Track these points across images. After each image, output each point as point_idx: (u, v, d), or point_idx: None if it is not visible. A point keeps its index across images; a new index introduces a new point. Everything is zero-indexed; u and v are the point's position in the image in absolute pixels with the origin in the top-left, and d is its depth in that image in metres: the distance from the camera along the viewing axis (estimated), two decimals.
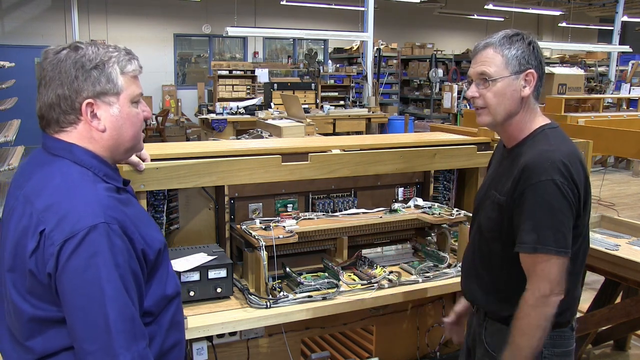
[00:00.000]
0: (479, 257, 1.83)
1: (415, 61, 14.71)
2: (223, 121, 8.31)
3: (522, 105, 1.71)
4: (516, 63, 1.68)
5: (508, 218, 1.67)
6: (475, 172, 2.86)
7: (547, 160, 1.59)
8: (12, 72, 6.32)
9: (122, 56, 1.38)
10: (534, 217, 1.58)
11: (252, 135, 5.11)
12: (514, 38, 1.70)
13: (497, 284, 1.78)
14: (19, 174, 1.42)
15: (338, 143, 2.69)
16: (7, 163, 4.42)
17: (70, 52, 1.34)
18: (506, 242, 1.70)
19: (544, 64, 1.74)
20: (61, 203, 1.26)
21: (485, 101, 1.72)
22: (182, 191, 2.36)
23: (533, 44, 1.71)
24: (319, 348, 2.67)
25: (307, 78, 11.58)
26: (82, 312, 1.22)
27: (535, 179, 1.59)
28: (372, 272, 2.41)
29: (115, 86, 1.36)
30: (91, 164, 1.35)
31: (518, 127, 1.73)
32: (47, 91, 1.33)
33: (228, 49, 15.18)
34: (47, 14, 12.55)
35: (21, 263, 1.26)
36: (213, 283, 2.10)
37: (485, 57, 1.71)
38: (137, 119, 1.42)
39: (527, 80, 1.69)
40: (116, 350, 1.22)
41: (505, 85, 1.68)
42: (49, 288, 1.25)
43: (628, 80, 9.97)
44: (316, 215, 2.55)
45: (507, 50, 1.68)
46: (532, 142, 1.70)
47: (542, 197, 1.58)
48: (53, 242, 1.22)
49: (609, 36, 13.41)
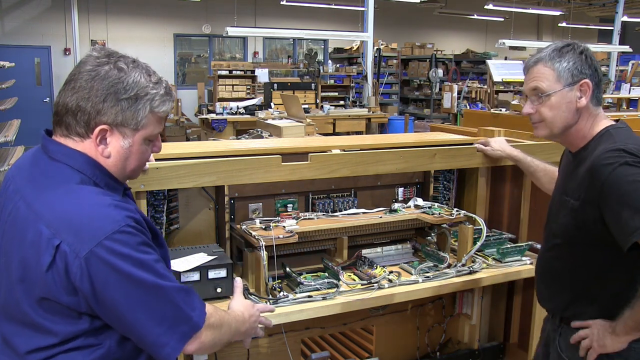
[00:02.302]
0: (554, 264, 1.82)
1: (415, 61, 14.71)
2: (223, 121, 8.31)
3: (579, 114, 1.70)
4: (569, 75, 1.67)
5: (584, 222, 1.64)
6: (475, 172, 2.86)
7: (612, 153, 1.57)
8: (12, 72, 6.33)
9: (159, 96, 1.35)
10: (630, 201, 1.50)
11: (252, 135, 5.10)
12: (564, 50, 1.69)
13: (572, 288, 1.76)
14: (14, 174, 1.38)
15: (338, 143, 2.69)
16: (7, 163, 4.42)
17: (112, 71, 1.29)
18: (583, 245, 1.68)
19: (600, 70, 1.72)
20: (73, 214, 1.24)
21: (542, 116, 1.72)
22: (182, 191, 2.36)
23: (585, 52, 1.69)
24: (319, 348, 2.67)
25: (307, 78, 11.58)
26: (142, 307, 1.25)
27: (607, 171, 1.55)
28: (372, 272, 2.41)
29: (137, 123, 1.33)
30: (92, 173, 1.33)
31: (579, 135, 1.73)
32: (72, 95, 1.29)
33: (228, 49, 15.18)
34: (47, 14, 12.55)
35: (31, 276, 1.24)
36: (213, 283, 2.10)
37: (537, 72, 1.71)
38: (145, 156, 1.41)
39: (583, 91, 1.68)
40: (187, 313, 1.31)
41: (559, 99, 1.68)
42: (71, 302, 1.24)
43: (628, 80, 9.95)
44: (316, 215, 2.55)
45: (558, 63, 1.67)
46: (597, 144, 1.67)
47: (624, 181, 1.52)
48: (77, 254, 1.20)
49: (609, 36, 13.41)
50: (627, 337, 1.61)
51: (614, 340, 1.63)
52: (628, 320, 1.59)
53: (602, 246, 1.64)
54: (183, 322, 1.31)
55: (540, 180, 2.35)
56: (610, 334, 1.64)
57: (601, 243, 1.63)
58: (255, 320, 1.67)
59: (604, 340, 1.65)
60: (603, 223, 1.58)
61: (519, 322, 2.96)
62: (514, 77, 7.82)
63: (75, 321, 1.27)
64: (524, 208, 2.87)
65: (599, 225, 1.60)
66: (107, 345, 1.30)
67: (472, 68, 15.46)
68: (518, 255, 2.63)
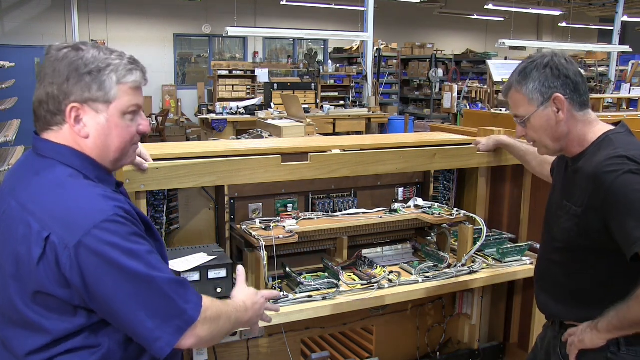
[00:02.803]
0: (554, 268, 1.81)
1: (415, 61, 14.70)
2: (223, 121, 8.31)
3: (567, 124, 1.69)
4: (538, 95, 1.67)
5: (587, 228, 1.64)
6: (475, 172, 2.86)
7: (615, 160, 1.56)
8: (12, 72, 6.31)
9: (123, 65, 1.34)
10: (634, 211, 1.49)
11: (252, 135, 5.10)
12: (528, 70, 1.69)
13: (573, 293, 1.76)
14: (9, 177, 1.39)
15: (338, 143, 2.69)
16: (7, 163, 4.42)
17: (70, 52, 1.31)
18: (585, 251, 1.68)
19: (574, 72, 1.69)
20: (61, 205, 1.24)
21: (531, 138, 1.76)
22: (182, 191, 2.36)
23: (550, 64, 1.67)
24: (319, 348, 2.67)
25: (307, 78, 11.57)
26: (133, 299, 1.23)
27: (611, 179, 1.54)
28: (372, 272, 2.41)
29: (106, 95, 1.31)
30: (81, 165, 1.33)
31: (576, 142, 1.72)
32: (40, 88, 1.32)
33: (228, 49, 15.17)
34: (47, 14, 12.55)
35: (23, 271, 1.24)
36: (213, 283, 2.10)
37: (512, 99, 1.75)
38: (127, 132, 1.37)
39: (557, 104, 1.67)
40: (181, 306, 1.28)
41: (538, 120, 1.69)
42: (64, 295, 1.23)
43: (628, 80, 9.95)
44: (316, 215, 2.55)
45: (525, 86, 1.69)
46: (596, 150, 1.66)
47: (628, 190, 1.51)
48: (67, 246, 1.20)
49: (609, 36, 13.40)
50: (607, 334, 1.62)
51: (593, 336, 1.65)
52: (612, 318, 1.60)
53: (604, 253, 1.63)
54: (176, 315, 1.28)
55: (530, 164, 2.39)
56: (592, 330, 1.65)
57: (603, 249, 1.62)
58: (260, 308, 1.61)
59: (584, 335, 1.67)
60: (606, 230, 1.58)
61: (519, 322, 2.96)
62: None
63: (71, 317, 1.26)
64: (524, 208, 2.87)
65: (602, 232, 1.59)
66: (107, 346, 1.29)
67: (472, 68, 15.46)
68: (518, 255, 2.63)
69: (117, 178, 1.51)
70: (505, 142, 2.58)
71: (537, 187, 2.80)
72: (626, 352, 1.63)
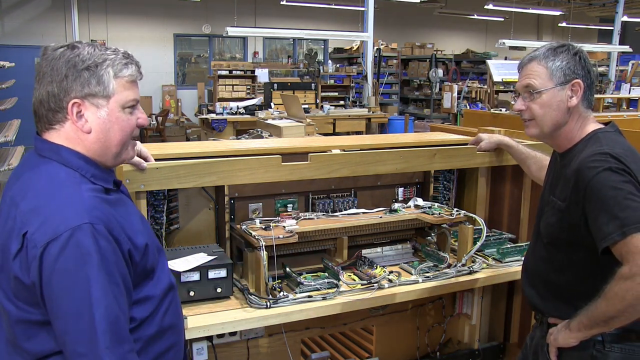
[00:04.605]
0: (540, 263, 1.82)
1: (415, 61, 14.71)
2: (223, 121, 8.31)
3: (570, 115, 1.71)
4: (561, 74, 1.69)
5: (570, 223, 1.65)
6: (475, 172, 2.86)
7: (598, 156, 1.59)
8: (12, 72, 6.32)
9: (119, 60, 1.37)
10: (607, 207, 1.52)
11: (252, 135, 5.10)
12: (559, 50, 1.71)
13: (559, 289, 1.77)
14: (10, 176, 1.42)
15: (338, 143, 2.69)
16: (7, 163, 4.42)
17: (66, 51, 1.34)
18: (568, 246, 1.69)
19: (594, 73, 1.74)
20: (44, 205, 1.25)
21: (532, 113, 1.74)
22: (182, 191, 2.36)
23: (579, 54, 1.71)
24: (319, 348, 2.67)
25: (307, 78, 11.58)
26: (69, 315, 1.21)
27: (591, 175, 1.57)
28: (372, 272, 2.41)
29: (105, 89, 1.34)
30: (78, 165, 1.34)
31: (568, 137, 1.74)
32: (39, 87, 1.34)
33: (228, 49, 15.18)
34: (47, 14, 12.55)
35: (7, 265, 1.26)
36: (213, 283, 2.10)
37: (530, 70, 1.73)
38: (127, 124, 1.39)
39: (574, 90, 1.70)
40: (101, 351, 1.21)
41: (550, 97, 1.70)
42: (32, 291, 1.24)
43: (628, 80, 9.95)
44: (316, 215, 2.55)
45: (552, 62, 1.69)
46: (584, 147, 1.69)
47: (605, 186, 1.54)
48: (35, 245, 1.21)
49: (609, 36, 13.40)
50: (578, 334, 1.64)
51: (566, 335, 1.66)
52: (583, 318, 1.61)
53: (586, 248, 1.64)
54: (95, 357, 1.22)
55: (530, 168, 2.40)
56: (565, 329, 1.67)
57: (585, 245, 1.63)
58: None
59: (558, 334, 1.69)
60: (587, 225, 1.60)
61: (519, 322, 2.96)
62: (514, 77, 7.82)
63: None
64: (524, 208, 2.87)
65: (583, 227, 1.62)
66: None
67: (472, 68, 15.47)
68: (518, 255, 2.63)
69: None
70: (508, 143, 2.57)
71: (537, 187, 2.79)
72: (610, 349, 1.64)
